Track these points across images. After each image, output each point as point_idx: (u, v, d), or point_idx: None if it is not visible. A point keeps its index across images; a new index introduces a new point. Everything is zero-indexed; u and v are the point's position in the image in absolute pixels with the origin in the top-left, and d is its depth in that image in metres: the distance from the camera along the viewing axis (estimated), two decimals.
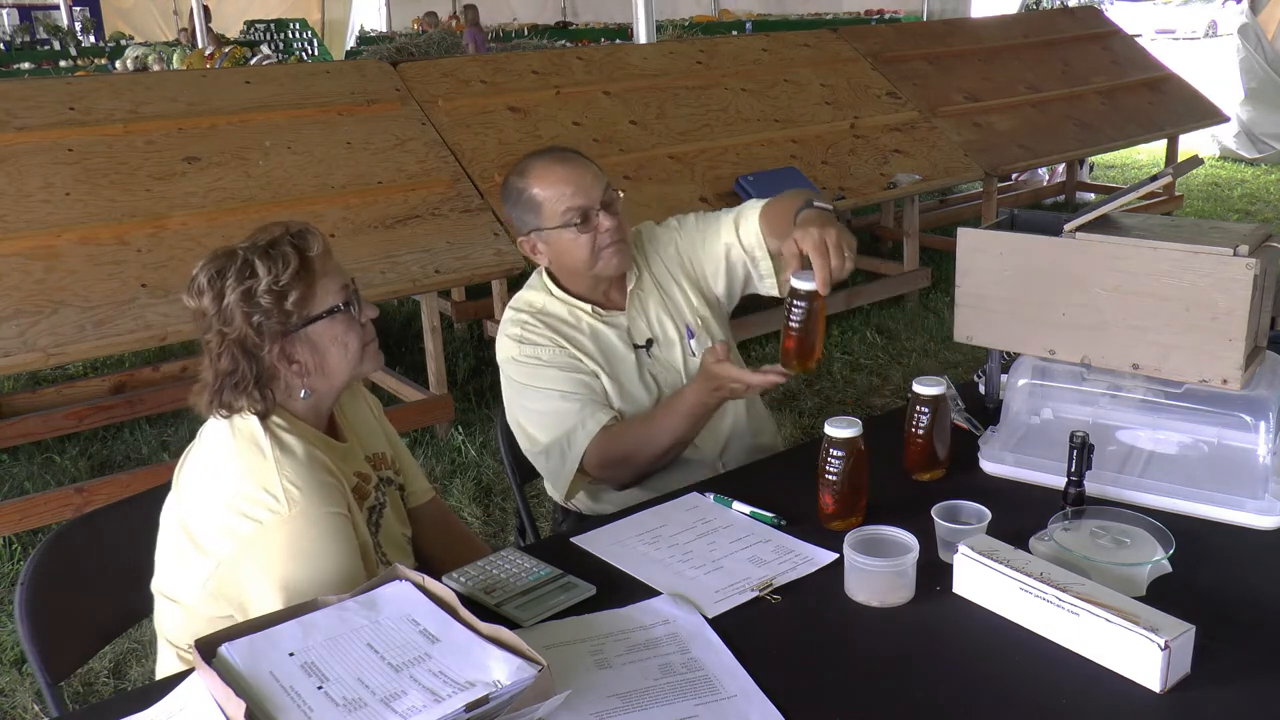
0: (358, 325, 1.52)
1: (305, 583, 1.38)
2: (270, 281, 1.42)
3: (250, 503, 1.38)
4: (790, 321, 1.56)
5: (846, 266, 1.56)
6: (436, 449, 3.80)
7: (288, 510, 1.38)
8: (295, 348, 1.46)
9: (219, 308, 1.43)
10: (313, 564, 1.39)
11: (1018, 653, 1.26)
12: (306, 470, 1.42)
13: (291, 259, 1.44)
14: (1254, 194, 7.58)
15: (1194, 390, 1.63)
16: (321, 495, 1.42)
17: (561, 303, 1.91)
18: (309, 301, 1.46)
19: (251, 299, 1.42)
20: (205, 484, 1.45)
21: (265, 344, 1.43)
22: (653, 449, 1.81)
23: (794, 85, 5.26)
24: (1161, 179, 1.81)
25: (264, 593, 1.38)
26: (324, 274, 1.48)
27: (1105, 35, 6.99)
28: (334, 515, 1.43)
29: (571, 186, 1.83)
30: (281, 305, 1.43)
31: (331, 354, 1.49)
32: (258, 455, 1.42)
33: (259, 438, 1.43)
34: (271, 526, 1.38)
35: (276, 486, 1.39)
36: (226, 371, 1.42)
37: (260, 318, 1.42)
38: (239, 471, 1.41)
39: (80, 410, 3.97)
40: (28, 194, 3.35)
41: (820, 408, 4.11)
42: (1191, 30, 23.47)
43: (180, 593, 1.48)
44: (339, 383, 1.53)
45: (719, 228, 1.98)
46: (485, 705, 1.08)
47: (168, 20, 16.36)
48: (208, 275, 1.45)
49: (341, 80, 4.27)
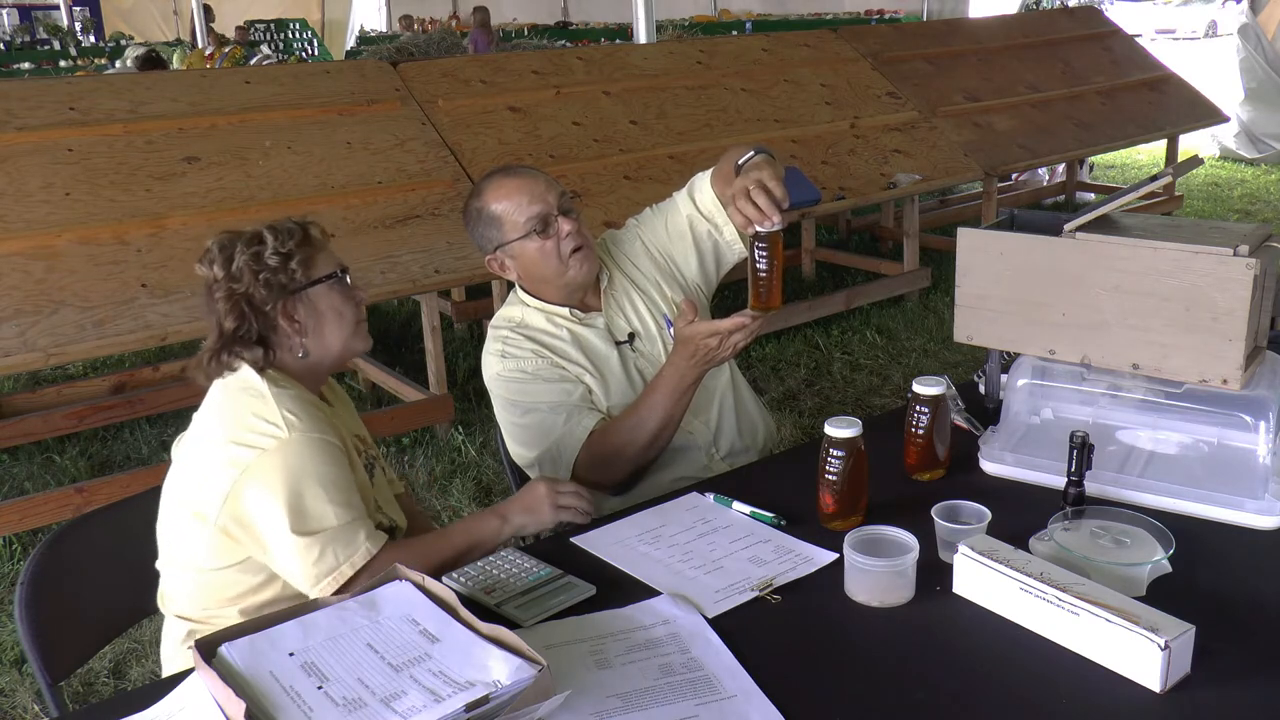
0: (353, 301, 1.65)
1: (311, 500, 1.48)
2: (277, 245, 1.56)
3: (250, 432, 1.48)
4: (757, 265, 1.68)
5: (778, 195, 1.68)
6: (436, 449, 3.80)
7: (287, 434, 1.48)
8: (296, 307, 1.58)
9: (229, 270, 1.55)
10: (316, 482, 1.48)
11: (1018, 653, 1.26)
12: (302, 404, 1.54)
13: (296, 232, 1.60)
14: (1254, 194, 7.58)
15: (1194, 390, 1.63)
16: (318, 424, 1.53)
17: (539, 312, 1.92)
18: (311, 267, 1.60)
19: (260, 260, 1.56)
20: (204, 433, 1.55)
21: (270, 299, 1.55)
22: (642, 437, 1.81)
23: (794, 85, 5.26)
24: (1161, 179, 1.81)
25: (272, 513, 1.46)
26: (323, 249, 1.63)
27: (1105, 35, 6.99)
28: (330, 444, 1.53)
29: (526, 195, 1.85)
30: (286, 266, 1.56)
31: (328, 319, 1.61)
32: (254, 395, 1.52)
33: (254, 381, 1.54)
34: (273, 450, 1.47)
35: (275, 415, 1.49)
36: (232, 329, 1.54)
37: (267, 275, 1.55)
38: (237, 411, 1.52)
39: (80, 410, 3.97)
40: (28, 194, 3.35)
41: (820, 408, 4.11)
42: (1191, 30, 23.47)
43: (189, 555, 1.54)
44: (333, 351, 1.63)
45: (676, 205, 2.03)
46: (485, 705, 1.08)
47: (168, 20, 16.36)
48: (219, 244, 1.59)
49: (341, 80, 4.27)
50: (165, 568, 1.60)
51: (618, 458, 1.83)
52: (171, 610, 1.61)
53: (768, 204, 1.67)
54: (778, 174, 1.75)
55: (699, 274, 2.03)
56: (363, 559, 1.49)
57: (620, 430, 1.82)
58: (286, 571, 1.50)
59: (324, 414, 1.58)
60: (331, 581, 1.47)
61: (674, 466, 1.92)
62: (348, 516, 1.50)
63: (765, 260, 1.68)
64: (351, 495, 1.52)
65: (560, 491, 1.63)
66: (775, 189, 1.69)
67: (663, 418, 1.80)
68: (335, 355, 1.64)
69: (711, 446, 1.97)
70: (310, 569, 1.47)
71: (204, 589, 1.56)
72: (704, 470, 1.94)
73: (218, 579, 1.54)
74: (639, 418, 1.81)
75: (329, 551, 1.48)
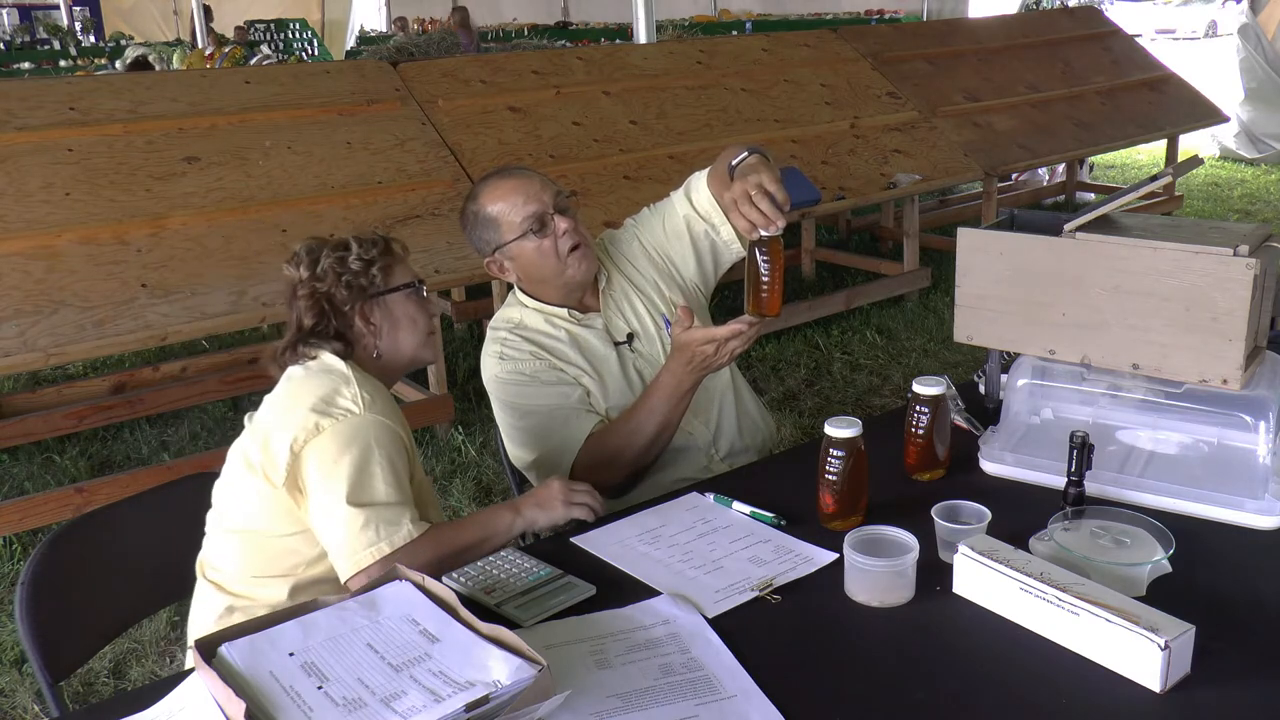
0: (427, 311, 1.75)
1: (372, 474, 1.53)
2: (361, 252, 1.67)
3: (330, 404, 1.55)
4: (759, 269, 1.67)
5: (779, 198, 1.68)
6: (436, 449, 3.80)
7: (363, 411, 1.55)
8: (374, 310, 1.68)
9: (314, 271, 1.65)
10: (380, 458, 1.54)
11: (1018, 653, 1.26)
12: (381, 393, 1.63)
13: (379, 242, 1.71)
14: (1254, 194, 7.58)
15: (1194, 390, 1.63)
16: (392, 413, 1.62)
17: (537, 313, 1.92)
18: (390, 275, 1.70)
19: (344, 263, 1.66)
20: (283, 402, 1.61)
21: (350, 300, 1.65)
22: (639, 441, 1.81)
23: (794, 85, 5.26)
24: (1161, 179, 1.81)
25: (335, 479, 1.51)
26: (402, 261, 1.74)
27: (1105, 35, 6.99)
28: (397, 433, 1.60)
29: (522, 195, 1.85)
30: (368, 271, 1.67)
31: (403, 325, 1.71)
32: (338, 375, 1.60)
33: (338, 365, 1.62)
34: (349, 421, 1.55)
35: (356, 393, 1.57)
36: (311, 325, 1.64)
37: (349, 277, 1.65)
38: (320, 384, 1.58)
39: (80, 410, 3.97)
40: (28, 194, 3.35)
41: (820, 408, 4.11)
42: (1191, 30, 23.47)
43: (249, 517, 1.59)
44: (405, 355, 1.72)
45: (673, 205, 2.02)
46: (485, 705, 1.08)
47: (168, 20, 16.35)
48: (307, 248, 1.68)
49: (341, 80, 4.27)
50: (217, 530, 1.64)
51: (615, 461, 1.83)
52: (212, 577, 1.63)
53: (771, 209, 1.66)
54: (775, 175, 1.74)
55: (697, 274, 2.03)
56: (403, 540, 1.52)
57: (617, 434, 1.82)
58: (329, 538, 1.53)
59: (397, 409, 1.65)
60: (370, 554, 1.50)
61: (674, 466, 1.92)
62: (399, 497, 1.55)
63: (766, 265, 1.66)
64: (405, 482, 1.58)
65: (574, 490, 1.65)
66: (777, 192, 1.68)
67: (660, 422, 1.79)
68: (406, 360, 1.73)
69: (711, 447, 1.97)
70: (355, 538, 1.51)
71: (258, 554, 1.59)
72: (704, 470, 1.94)
73: (276, 545, 1.58)
74: (636, 422, 1.81)
75: (375, 526, 1.51)
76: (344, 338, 1.65)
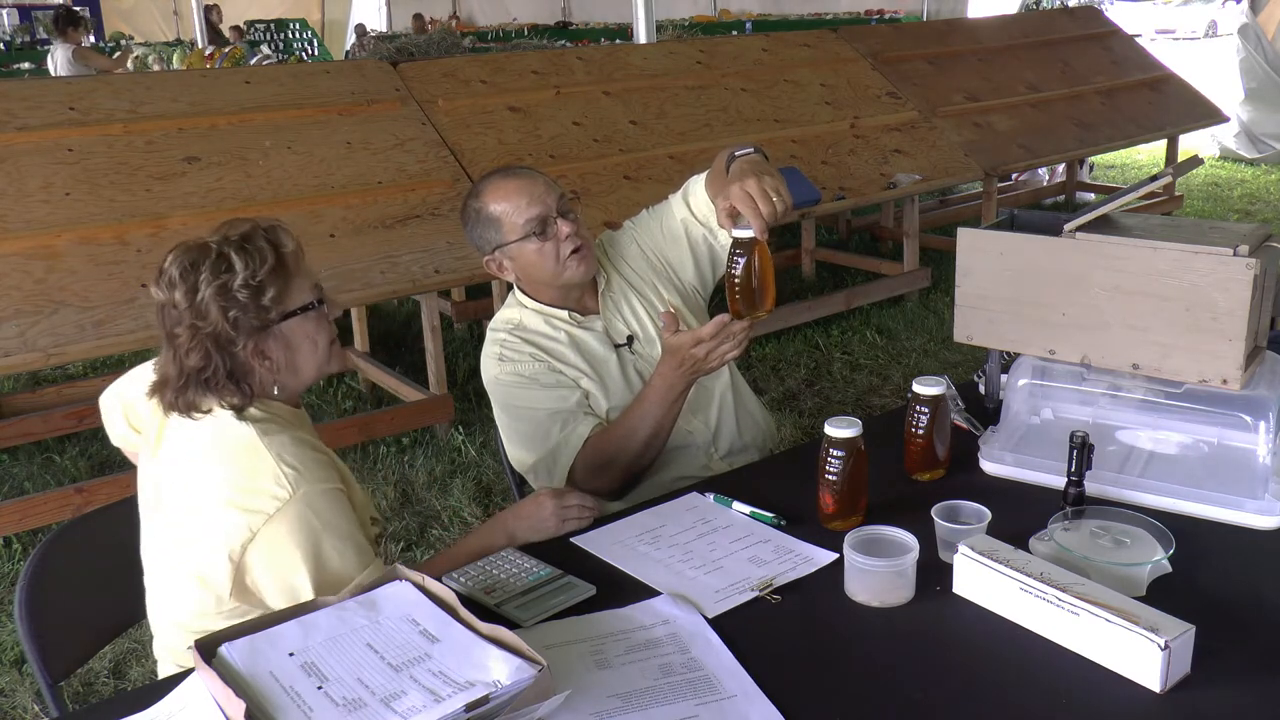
0: (327, 322, 1.51)
1: (329, 555, 1.37)
2: (247, 276, 1.39)
3: (251, 496, 1.36)
4: (733, 271, 1.60)
5: (779, 206, 1.60)
6: (436, 449, 3.80)
7: (292, 492, 1.36)
8: (269, 344, 1.44)
9: (192, 301, 1.39)
10: (332, 536, 1.38)
11: (1018, 653, 1.26)
12: (298, 449, 1.40)
13: (268, 255, 1.42)
14: (1254, 194, 7.58)
15: (1194, 390, 1.63)
16: (319, 470, 1.41)
17: (537, 314, 1.92)
18: (285, 298, 1.44)
19: (228, 293, 1.39)
20: (194, 488, 1.42)
21: (240, 339, 1.40)
22: (634, 445, 1.80)
23: (794, 85, 5.26)
24: (1161, 179, 1.81)
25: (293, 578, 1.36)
26: (297, 272, 1.46)
27: (1105, 35, 6.99)
28: (335, 490, 1.42)
29: (526, 197, 1.84)
30: (258, 301, 1.40)
31: (303, 350, 1.48)
32: (245, 450, 1.39)
33: (240, 434, 1.40)
34: (281, 513, 1.36)
35: (274, 471, 1.37)
36: (196, 368, 1.39)
37: (236, 312, 1.39)
38: (228, 470, 1.39)
39: (80, 410, 3.97)
40: (28, 194, 3.35)
41: (820, 408, 4.11)
42: (1191, 30, 23.47)
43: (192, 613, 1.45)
44: (307, 379, 1.51)
45: (671, 209, 2.02)
46: (485, 705, 1.08)
47: (168, 20, 16.34)
48: (180, 268, 1.40)
49: (341, 80, 4.27)
50: (159, 620, 1.52)
51: (611, 465, 1.82)
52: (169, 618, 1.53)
53: (770, 212, 1.60)
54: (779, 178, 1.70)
55: (695, 277, 2.03)
56: None
57: (613, 438, 1.82)
58: None
59: (316, 449, 1.46)
60: None
61: (674, 466, 1.92)
62: (360, 559, 1.41)
63: (747, 267, 1.59)
64: (360, 537, 1.43)
65: (565, 505, 1.60)
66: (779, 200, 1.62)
67: (653, 427, 1.78)
68: (308, 382, 1.53)
69: (711, 446, 1.97)
70: None
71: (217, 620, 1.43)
72: (704, 470, 1.94)
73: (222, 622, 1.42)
74: (630, 426, 1.80)
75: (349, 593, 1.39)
76: (236, 381, 1.41)
